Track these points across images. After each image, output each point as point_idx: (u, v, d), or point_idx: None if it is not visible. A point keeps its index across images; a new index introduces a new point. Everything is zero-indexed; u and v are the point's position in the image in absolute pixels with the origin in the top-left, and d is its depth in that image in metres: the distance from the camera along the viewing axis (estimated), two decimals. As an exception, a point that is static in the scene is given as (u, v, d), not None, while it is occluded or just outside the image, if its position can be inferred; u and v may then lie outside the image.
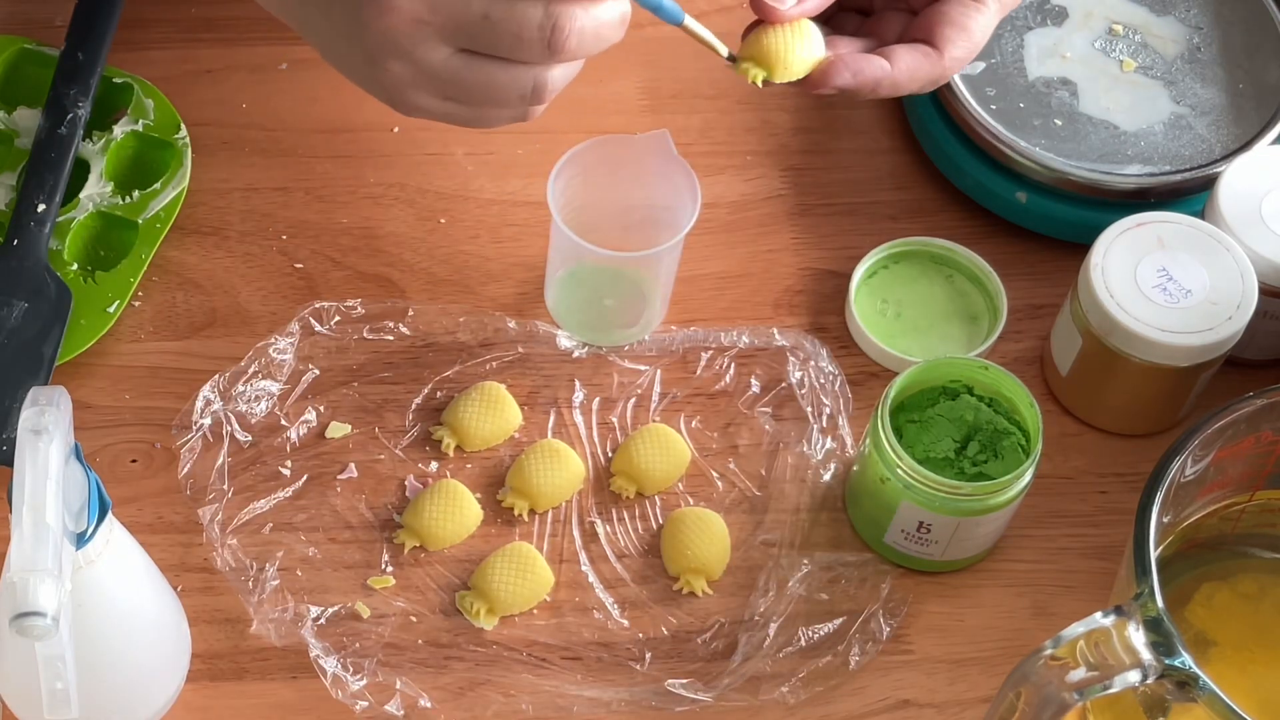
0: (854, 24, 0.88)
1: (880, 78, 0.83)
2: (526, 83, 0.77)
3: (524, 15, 0.74)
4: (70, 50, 0.98)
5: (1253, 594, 0.82)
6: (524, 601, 0.86)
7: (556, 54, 0.75)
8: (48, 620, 0.67)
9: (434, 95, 0.78)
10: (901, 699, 0.84)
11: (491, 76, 0.76)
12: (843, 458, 0.90)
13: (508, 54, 0.75)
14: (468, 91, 0.77)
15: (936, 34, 0.84)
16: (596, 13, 0.76)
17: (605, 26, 0.77)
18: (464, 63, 0.76)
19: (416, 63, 0.76)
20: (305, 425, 0.90)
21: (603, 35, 0.76)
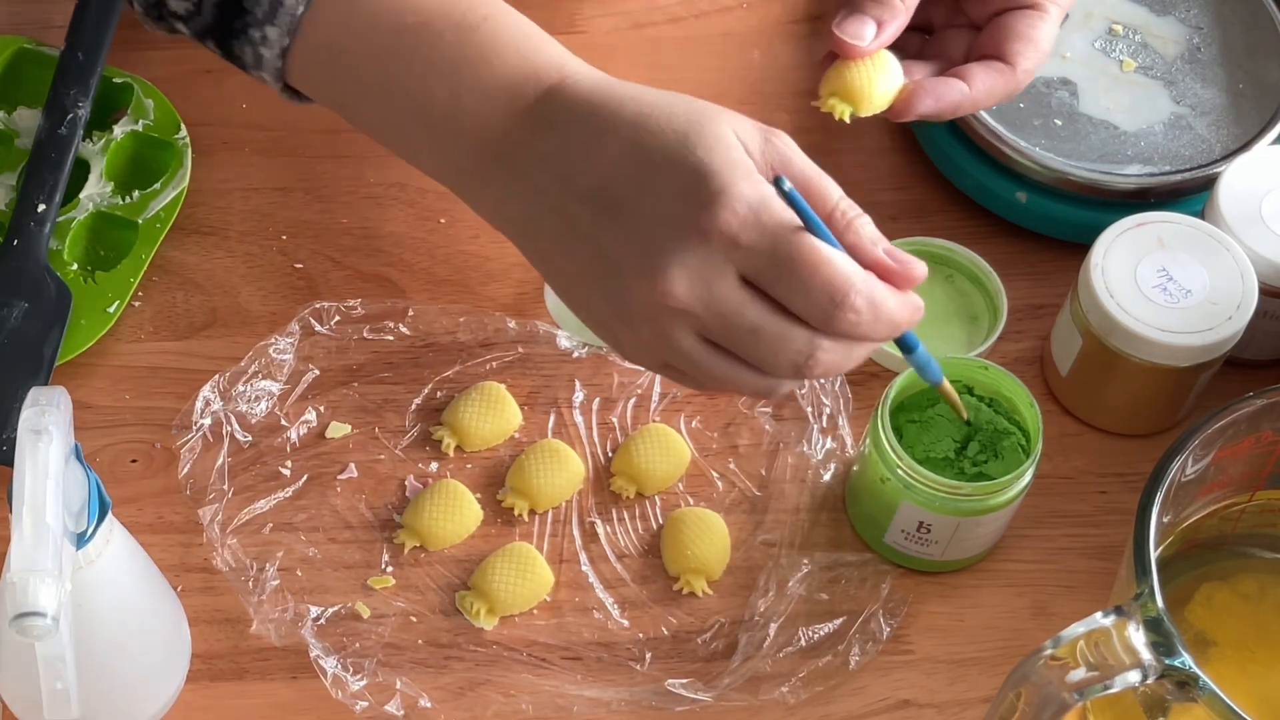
0: (916, 44, 0.88)
1: (960, 100, 0.84)
2: (764, 387, 0.75)
3: (790, 338, 0.72)
4: (70, 50, 0.98)
5: (1253, 594, 0.82)
6: (524, 601, 0.86)
7: (801, 377, 0.74)
8: (48, 620, 0.67)
9: (659, 364, 0.76)
10: (901, 699, 0.84)
11: (732, 375, 0.75)
12: (843, 458, 0.90)
13: (758, 364, 0.74)
14: (700, 378, 0.76)
15: (1005, 48, 0.85)
16: (853, 350, 0.74)
17: (851, 362, 0.75)
18: (710, 355, 0.74)
19: (664, 339, 0.74)
20: (305, 425, 0.90)
21: (844, 367, 0.75)
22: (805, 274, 0.71)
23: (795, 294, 0.72)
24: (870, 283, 0.72)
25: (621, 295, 0.73)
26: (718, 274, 0.72)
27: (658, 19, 1.06)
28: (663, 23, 1.06)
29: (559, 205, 0.74)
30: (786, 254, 0.71)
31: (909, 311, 0.74)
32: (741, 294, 0.72)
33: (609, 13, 1.06)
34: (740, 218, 0.71)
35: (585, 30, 1.05)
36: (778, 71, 1.05)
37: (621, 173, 0.73)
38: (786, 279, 0.71)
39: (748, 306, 0.72)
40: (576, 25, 1.05)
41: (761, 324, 0.72)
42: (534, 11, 0.90)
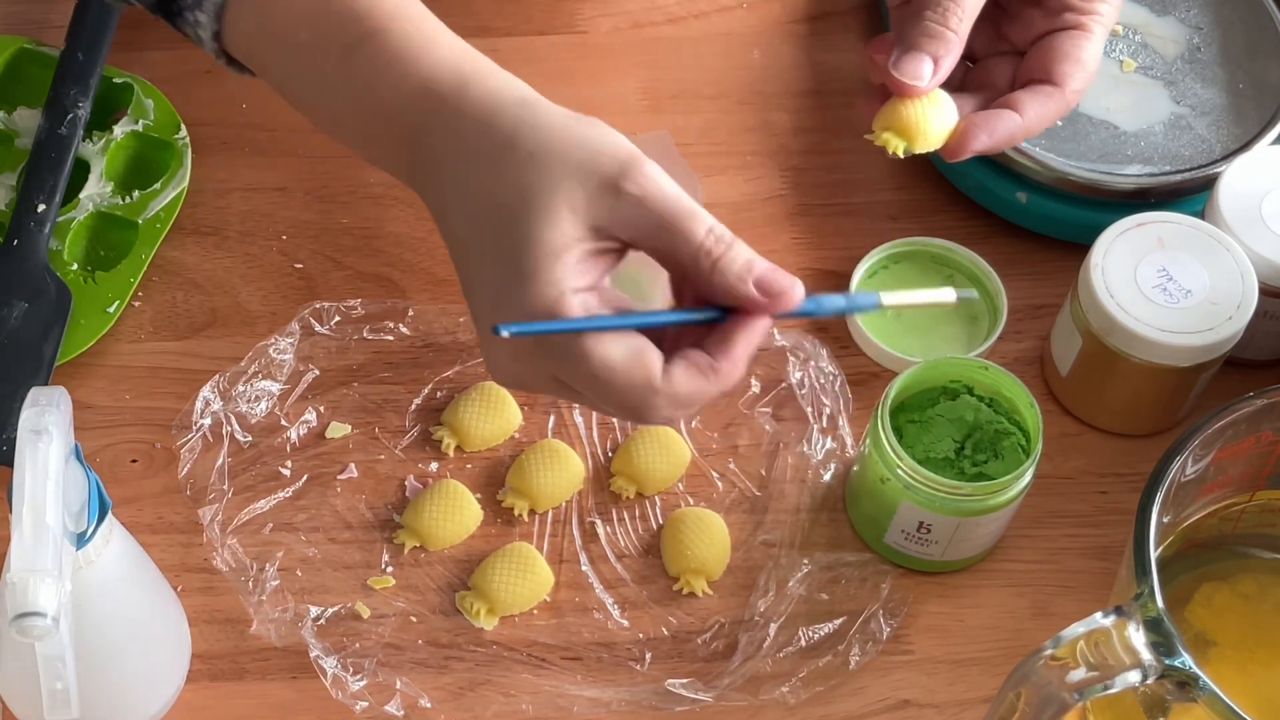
0: (960, 73, 0.87)
1: (1014, 131, 0.83)
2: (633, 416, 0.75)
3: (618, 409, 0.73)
4: (70, 50, 0.98)
5: (1253, 594, 0.82)
6: (524, 601, 0.86)
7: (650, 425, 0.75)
8: (48, 620, 0.67)
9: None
10: (901, 699, 0.84)
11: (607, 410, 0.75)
12: (843, 458, 0.90)
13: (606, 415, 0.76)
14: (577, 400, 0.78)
15: (1053, 70, 0.84)
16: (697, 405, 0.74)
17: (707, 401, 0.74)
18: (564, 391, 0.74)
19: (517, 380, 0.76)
20: (305, 425, 0.90)
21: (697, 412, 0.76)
22: (600, 394, 0.71)
23: (600, 409, 0.74)
24: (668, 387, 0.71)
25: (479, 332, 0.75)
26: (537, 378, 0.73)
27: (658, 19, 1.06)
28: (663, 23, 1.06)
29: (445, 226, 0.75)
30: (574, 376, 0.71)
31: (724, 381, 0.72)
32: (563, 390, 0.73)
33: (609, 13, 1.06)
34: (515, 343, 0.71)
35: (585, 30, 1.05)
36: (778, 71, 1.05)
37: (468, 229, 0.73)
38: (588, 395, 0.72)
39: (572, 396, 0.74)
40: (576, 25, 1.05)
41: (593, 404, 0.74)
42: (534, 11, 0.91)
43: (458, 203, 0.74)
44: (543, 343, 0.71)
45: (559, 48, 1.04)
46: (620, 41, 1.05)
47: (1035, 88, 0.84)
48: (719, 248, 0.72)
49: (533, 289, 0.70)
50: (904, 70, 0.82)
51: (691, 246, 0.72)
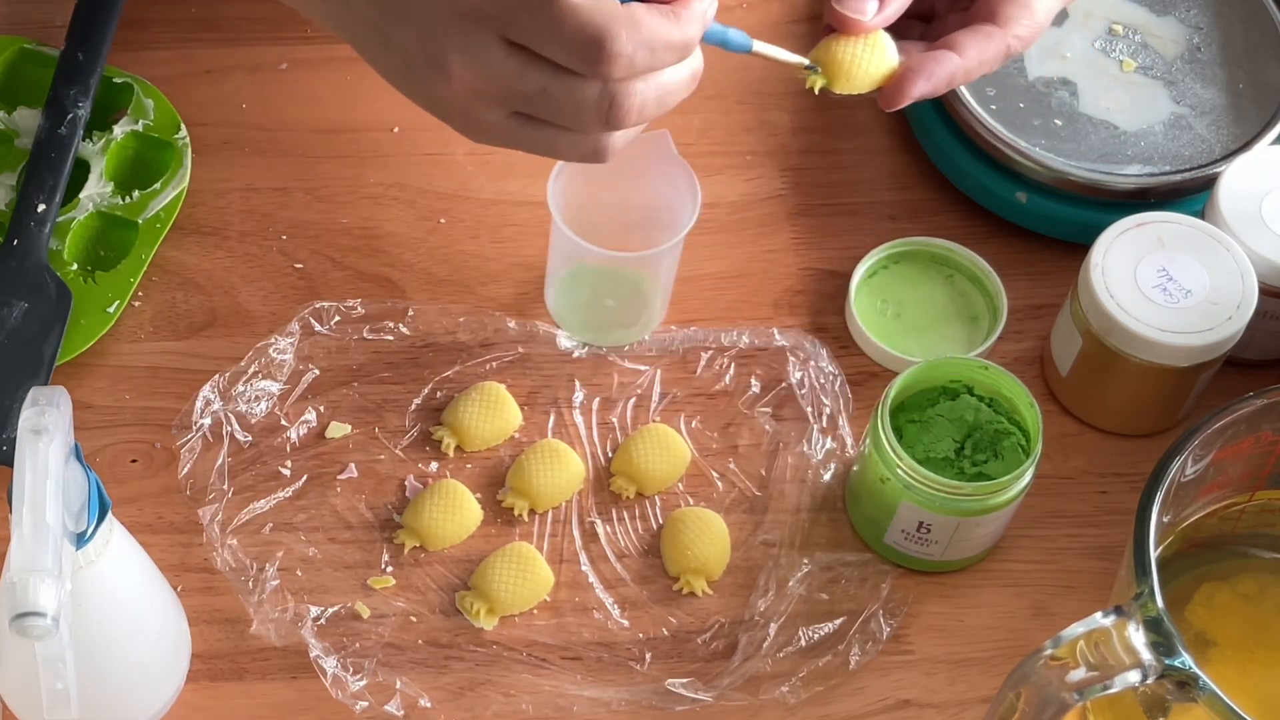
0: (917, 30, 0.86)
1: (953, 72, 0.81)
2: (587, 145, 0.74)
3: (581, 93, 0.71)
4: (70, 50, 0.98)
5: (1253, 594, 0.82)
6: (524, 601, 0.86)
7: (616, 127, 0.72)
8: (48, 620, 0.67)
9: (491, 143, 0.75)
10: (901, 699, 0.84)
11: (551, 141, 0.74)
12: (843, 458, 0.90)
13: (567, 125, 0.73)
14: (525, 149, 0.75)
15: (997, 12, 0.82)
16: (660, 80, 0.72)
17: (670, 91, 0.73)
18: (520, 128, 0.73)
19: (474, 123, 0.74)
20: (305, 425, 0.90)
21: (667, 100, 0.73)
22: (558, 31, 0.69)
23: (559, 53, 0.70)
24: (632, 16, 0.69)
25: (426, 93, 0.73)
26: (488, 50, 0.70)
27: (658, 19, 1.06)
28: (663, 23, 1.06)
29: (359, 13, 0.74)
30: (534, 15, 0.69)
31: (681, 25, 0.71)
32: (516, 59, 0.70)
33: (609, 13, 1.06)
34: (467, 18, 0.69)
35: (585, 30, 1.05)
36: (778, 71, 1.04)
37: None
38: (544, 40, 0.69)
39: (528, 72, 0.71)
40: None
41: (546, 82, 0.71)
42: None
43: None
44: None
45: (559, 48, 1.04)
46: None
47: (976, 28, 0.83)
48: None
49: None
50: (847, 4, 0.80)
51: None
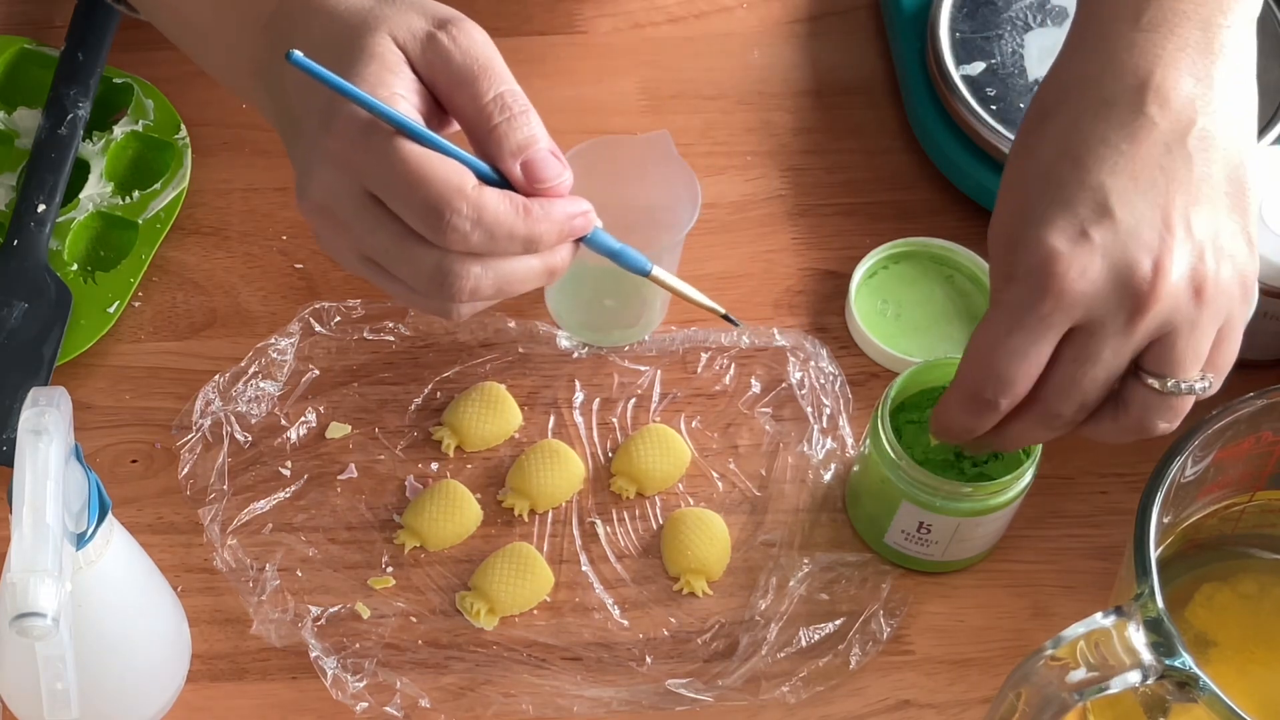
0: None
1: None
2: (431, 305, 0.74)
3: (420, 260, 0.71)
4: (70, 50, 0.98)
5: (1253, 594, 0.82)
6: (524, 602, 0.86)
7: (450, 300, 0.72)
8: (48, 621, 0.67)
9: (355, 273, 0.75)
10: (901, 699, 0.84)
11: (402, 295, 0.74)
12: (843, 458, 0.90)
13: (408, 285, 0.72)
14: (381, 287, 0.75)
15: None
16: (500, 266, 0.72)
17: (510, 280, 0.72)
18: (376, 275, 0.73)
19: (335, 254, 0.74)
20: (305, 425, 0.90)
21: (507, 288, 0.72)
22: (404, 192, 0.69)
23: (405, 215, 0.70)
24: (477, 196, 0.69)
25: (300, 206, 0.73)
26: (347, 197, 0.71)
27: (658, 19, 1.06)
28: (663, 23, 1.06)
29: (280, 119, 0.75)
30: (390, 173, 0.69)
31: (528, 219, 0.70)
32: (368, 214, 0.71)
33: (609, 13, 1.06)
34: (350, 140, 0.70)
35: (585, 30, 1.05)
36: (778, 71, 1.05)
37: (299, 91, 0.73)
38: (395, 200, 0.70)
39: (379, 227, 0.71)
40: (576, 25, 1.05)
41: (390, 244, 0.71)
42: (534, 11, 0.91)
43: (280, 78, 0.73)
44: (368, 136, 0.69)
45: (559, 47, 1.04)
46: (620, 41, 1.05)
47: None
48: (500, 115, 0.71)
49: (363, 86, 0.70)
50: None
51: (476, 106, 0.71)
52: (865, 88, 1.04)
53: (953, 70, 0.98)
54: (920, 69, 1.00)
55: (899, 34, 1.02)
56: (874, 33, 1.06)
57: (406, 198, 0.70)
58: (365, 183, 0.71)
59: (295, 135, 0.74)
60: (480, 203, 0.69)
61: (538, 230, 0.71)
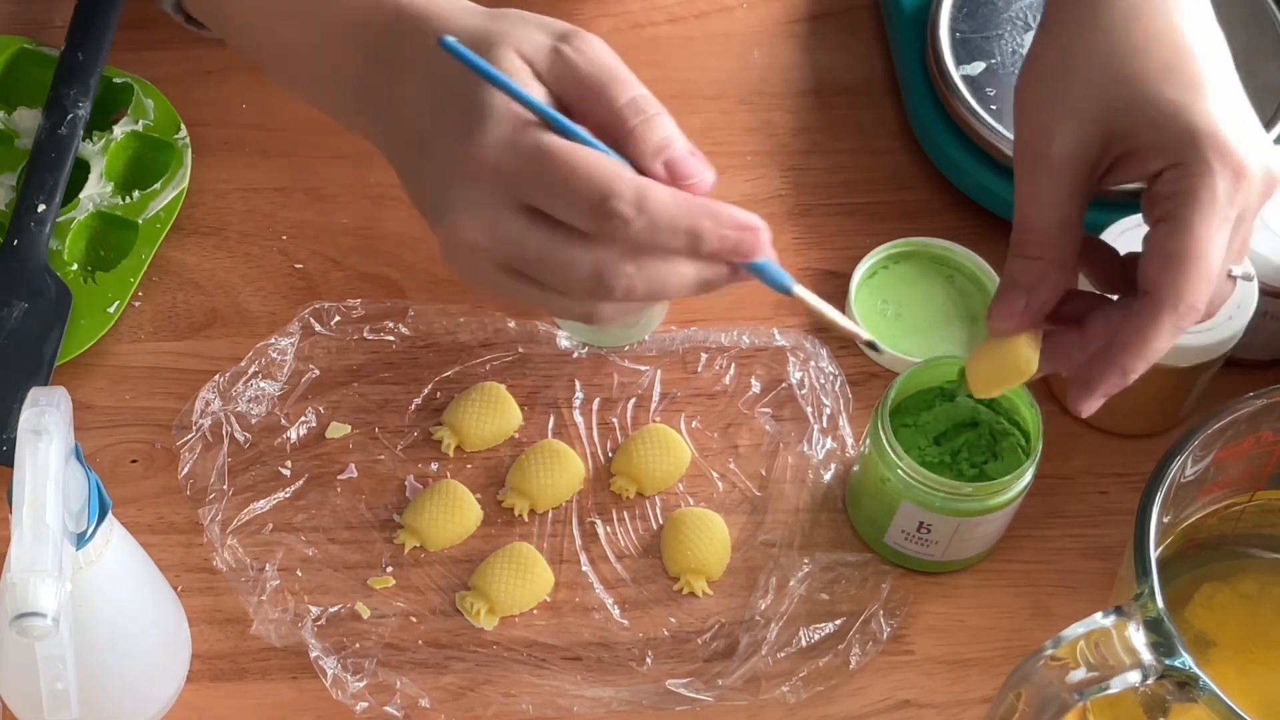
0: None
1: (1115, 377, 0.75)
2: (578, 310, 0.73)
3: (574, 263, 0.70)
4: (70, 50, 0.98)
5: (1253, 594, 0.82)
6: (524, 601, 0.86)
7: (606, 299, 0.71)
8: (48, 621, 0.67)
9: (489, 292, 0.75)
10: (901, 699, 0.84)
11: (544, 301, 0.73)
12: (843, 458, 0.90)
13: (557, 289, 0.72)
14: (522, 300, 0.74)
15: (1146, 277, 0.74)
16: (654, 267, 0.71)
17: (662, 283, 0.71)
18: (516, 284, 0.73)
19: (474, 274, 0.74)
20: (305, 425, 0.90)
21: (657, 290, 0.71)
22: (563, 187, 0.69)
23: (563, 210, 0.70)
24: (639, 184, 0.69)
25: (436, 230, 0.73)
26: (495, 208, 0.71)
27: (658, 19, 1.06)
28: (663, 23, 1.06)
29: (394, 140, 0.75)
30: (543, 171, 0.69)
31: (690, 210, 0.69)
32: (520, 223, 0.70)
33: (609, 13, 1.06)
34: (496, 148, 0.70)
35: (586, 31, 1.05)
36: (778, 71, 1.05)
37: (425, 107, 0.73)
38: (551, 197, 0.69)
39: (529, 235, 0.70)
40: (576, 25, 1.05)
41: (544, 251, 0.71)
42: (534, 11, 0.90)
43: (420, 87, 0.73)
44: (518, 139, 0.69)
45: (559, 48, 1.04)
46: (620, 41, 1.03)
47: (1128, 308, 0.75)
48: (636, 117, 0.71)
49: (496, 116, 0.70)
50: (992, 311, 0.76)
51: (610, 111, 0.71)
52: (865, 88, 1.04)
53: (953, 70, 0.98)
54: (920, 69, 1.00)
55: (899, 34, 1.02)
56: (874, 33, 1.06)
57: (566, 191, 0.69)
58: (516, 188, 0.70)
59: (420, 157, 0.73)
60: (642, 188, 0.69)
61: (701, 224, 0.70)
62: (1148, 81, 0.74)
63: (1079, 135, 0.75)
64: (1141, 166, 0.75)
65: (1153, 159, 0.74)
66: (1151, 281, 0.73)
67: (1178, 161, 0.73)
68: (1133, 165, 0.75)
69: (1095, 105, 0.75)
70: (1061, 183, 0.75)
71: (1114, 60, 0.75)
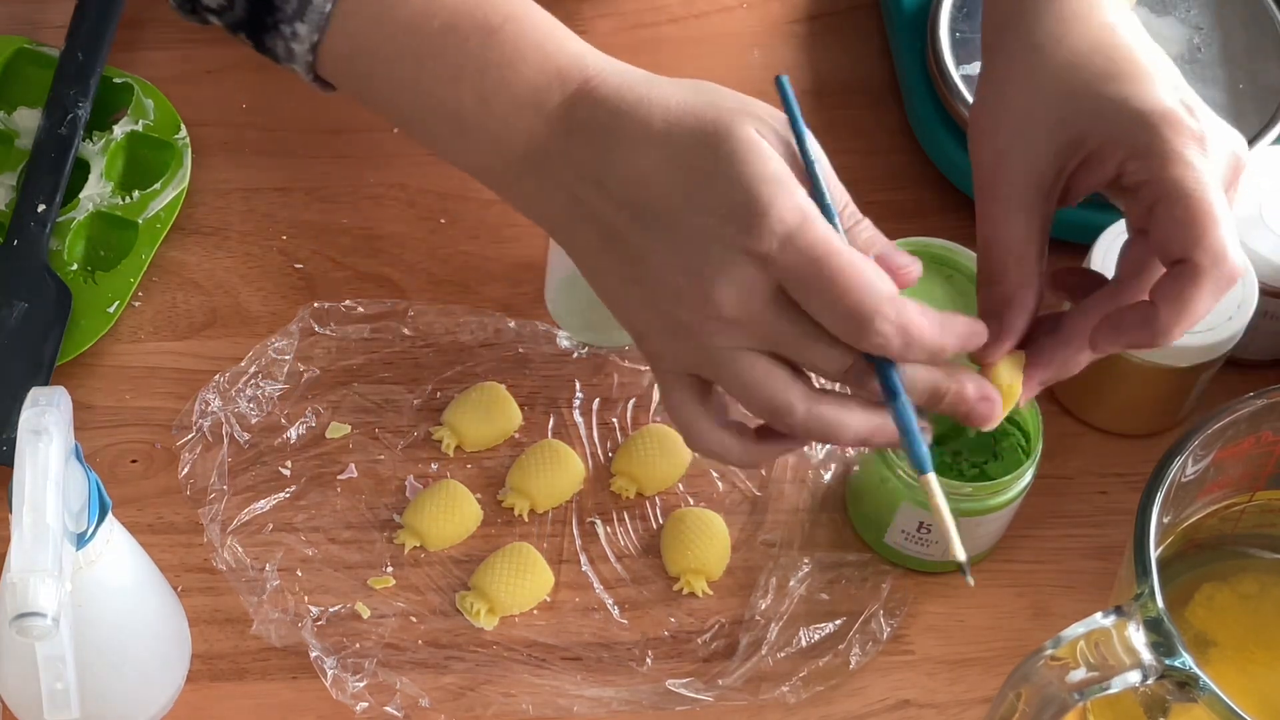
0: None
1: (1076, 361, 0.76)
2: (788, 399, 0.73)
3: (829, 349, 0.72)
4: (70, 50, 0.98)
5: (1253, 594, 0.82)
6: (524, 601, 0.86)
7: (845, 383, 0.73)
8: (48, 621, 0.67)
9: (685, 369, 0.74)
10: (901, 699, 0.84)
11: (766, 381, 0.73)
12: (843, 458, 0.90)
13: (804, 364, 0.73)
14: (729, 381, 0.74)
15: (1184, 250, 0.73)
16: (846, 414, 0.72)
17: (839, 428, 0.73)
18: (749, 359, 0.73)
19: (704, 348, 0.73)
20: (305, 425, 0.90)
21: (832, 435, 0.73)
22: (836, 295, 0.70)
23: (824, 313, 0.71)
24: (900, 306, 0.70)
25: (664, 303, 0.73)
26: (759, 289, 0.71)
27: (658, 19, 1.06)
28: (663, 23, 1.06)
29: (594, 210, 0.74)
30: (820, 275, 0.70)
31: (941, 332, 0.71)
32: (779, 306, 0.71)
33: (609, 13, 1.06)
34: (780, 239, 0.70)
35: (585, 30, 1.05)
36: (778, 71, 1.04)
37: (659, 184, 0.72)
38: (818, 299, 0.70)
39: (786, 325, 0.72)
40: (576, 25, 1.04)
41: (803, 333, 0.72)
42: (534, 12, 0.90)
43: (647, 155, 0.73)
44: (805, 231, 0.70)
45: (559, 48, 1.04)
46: (620, 41, 1.05)
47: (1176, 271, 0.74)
48: (850, 220, 0.74)
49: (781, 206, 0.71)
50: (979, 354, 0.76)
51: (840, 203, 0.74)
52: (865, 88, 1.04)
53: (953, 70, 0.98)
54: (920, 69, 1.00)
55: (899, 34, 1.02)
56: (874, 33, 1.06)
57: (837, 300, 0.70)
58: (788, 277, 0.71)
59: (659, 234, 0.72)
60: (903, 310, 0.70)
61: (946, 342, 0.72)
62: (1092, 86, 0.75)
63: (1030, 155, 0.76)
64: (1102, 167, 0.75)
65: (1110, 155, 0.75)
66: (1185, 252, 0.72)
67: (1135, 148, 0.74)
68: (1094, 169, 0.76)
69: (1043, 123, 0.76)
70: (1021, 204, 0.76)
71: (1055, 76, 0.76)
